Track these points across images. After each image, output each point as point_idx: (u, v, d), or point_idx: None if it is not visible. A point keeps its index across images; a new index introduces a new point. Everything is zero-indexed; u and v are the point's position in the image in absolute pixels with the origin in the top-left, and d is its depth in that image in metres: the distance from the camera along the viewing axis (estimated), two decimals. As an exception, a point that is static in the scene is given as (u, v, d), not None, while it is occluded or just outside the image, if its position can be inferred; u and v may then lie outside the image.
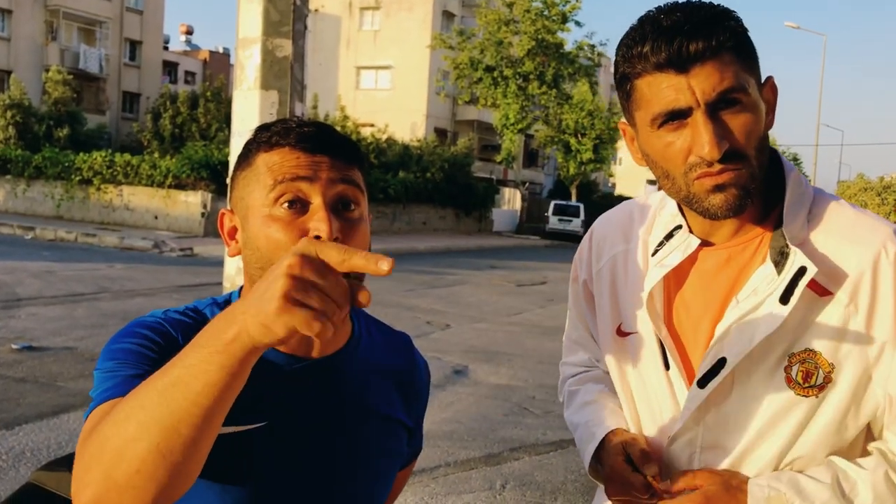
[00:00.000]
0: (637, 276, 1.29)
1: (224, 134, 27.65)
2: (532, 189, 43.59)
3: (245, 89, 3.21)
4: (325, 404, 1.13)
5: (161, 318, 1.10)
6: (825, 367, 1.14)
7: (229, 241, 1.15)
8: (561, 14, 30.95)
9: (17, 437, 4.95)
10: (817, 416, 1.16)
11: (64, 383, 6.23)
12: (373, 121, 35.79)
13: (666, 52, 1.08)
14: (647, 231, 1.32)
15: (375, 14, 42.25)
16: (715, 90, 1.09)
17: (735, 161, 1.11)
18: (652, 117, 1.13)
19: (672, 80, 1.09)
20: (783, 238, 1.17)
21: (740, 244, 1.22)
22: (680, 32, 1.08)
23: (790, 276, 1.13)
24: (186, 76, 48.23)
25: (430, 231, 30.47)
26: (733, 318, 1.17)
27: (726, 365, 1.16)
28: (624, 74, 1.16)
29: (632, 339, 1.29)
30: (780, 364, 1.16)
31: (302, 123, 1.10)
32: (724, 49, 1.09)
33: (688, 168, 1.13)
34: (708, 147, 1.08)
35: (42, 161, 24.57)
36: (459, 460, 5.06)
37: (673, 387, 1.23)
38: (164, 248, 17.98)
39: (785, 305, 1.13)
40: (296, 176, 1.05)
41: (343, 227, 1.05)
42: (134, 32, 40.60)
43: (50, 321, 8.64)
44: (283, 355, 1.11)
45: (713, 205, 1.13)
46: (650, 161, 1.19)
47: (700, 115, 1.09)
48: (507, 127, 32.39)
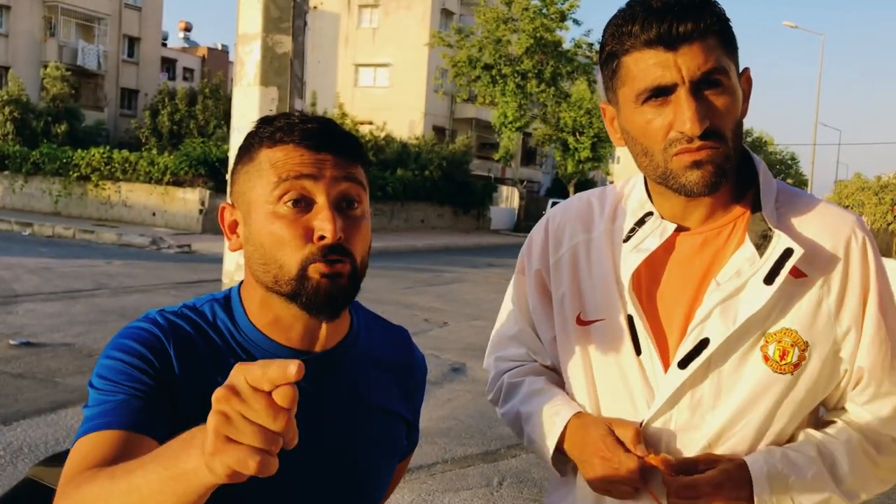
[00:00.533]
0: (603, 264, 1.31)
1: (222, 131, 27.62)
2: (530, 187, 43.59)
3: (245, 85, 3.22)
4: (325, 397, 1.14)
5: (154, 324, 1.09)
6: (800, 346, 1.19)
7: (230, 235, 1.15)
8: (559, 12, 30.93)
9: (14, 432, 4.96)
10: (792, 393, 1.21)
11: (62, 379, 6.23)
12: (371, 118, 35.76)
13: (656, 30, 1.12)
14: (611, 220, 1.34)
15: (374, 11, 42.21)
16: (700, 69, 1.13)
17: (713, 139, 1.14)
18: (637, 92, 1.16)
19: (660, 56, 1.13)
20: (764, 221, 1.21)
21: (715, 228, 1.25)
22: (670, 13, 1.12)
23: (776, 258, 1.18)
24: (185, 73, 48.15)
25: (428, 229, 30.47)
26: (716, 300, 1.20)
27: (709, 345, 1.19)
28: (611, 52, 1.19)
29: (596, 326, 1.30)
30: (757, 343, 1.20)
31: (305, 119, 1.10)
32: (711, 32, 1.14)
33: (668, 144, 1.16)
34: (689, 123, 1.12)
35: (40, 157, 24.54)
36: (457, 457, 5.07)
37: (645, 371, 1.24)
38: (161, 245, 17.96)
39: (769, 286, 1.18)
40: (300, 174, 1.05)
41: (346, 225, 1.06)
42: (132, 29, 40.53)
43: (48, 317, 8.63)
44: (285, 349, 1.12)
45: (690, 181, 1.16)
46: (630, 138, 1.22)
47: (684, 92, 1.13)
48: (506, 125, 32.38)
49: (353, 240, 1.07)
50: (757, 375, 1.20)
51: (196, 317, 1.13)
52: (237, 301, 1.15)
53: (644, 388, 1.25)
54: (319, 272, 1.05)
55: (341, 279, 1.06)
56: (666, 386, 1.22)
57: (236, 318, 1.14)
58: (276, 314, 1.11)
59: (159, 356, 1.05)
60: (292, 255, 1.05)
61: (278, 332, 1.12)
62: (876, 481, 1.27)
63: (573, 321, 1.33)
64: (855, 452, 1.24)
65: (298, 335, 1.12)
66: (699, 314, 1.21)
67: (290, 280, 1.05)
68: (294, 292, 1.06)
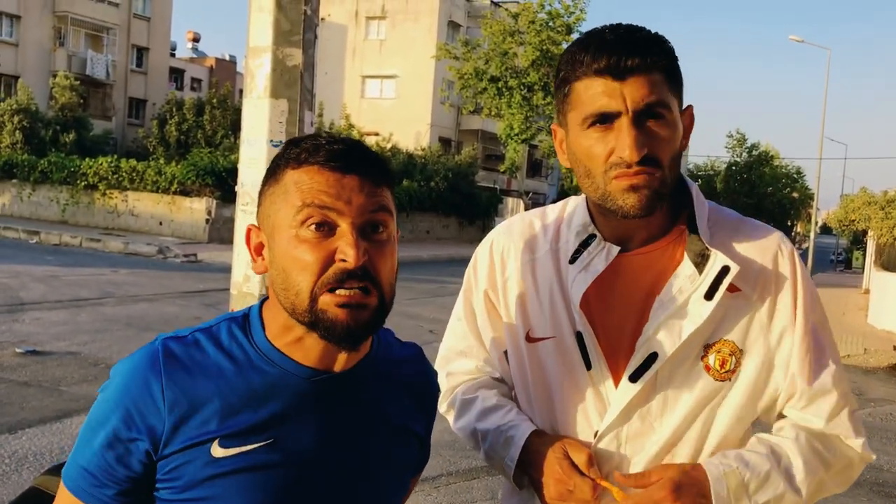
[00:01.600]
0: (549, 283, 1.38)
1: (230, 141, 27.74)
2: (535, 199, 43.57)
3: (255, 98, 3.23)
4: (344, 416, 1.13)
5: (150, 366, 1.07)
6: (737, 355, 1.30)
7: (256, 258, 1.13)
8: (565, 25, 31.02)
9: (20, 441, 4.96)
10: (731, 398, 1.30)
11: (67, 387, 6.25)
12: (377, 129, 35.85)
13: (605, 61, 1.21)
14: (554, 240, 1.41)
15: (381, 24, 42.39)
16: (644, 100, 1.21)
17: (650, 165, 1.22)
18: (584, 116, 1.24)
19: (607, 85, 1.22)
20: (701, 242, 1.30)
21: (657, 249, 1.33)
22: (620, 46, 1.22)
23: (714, 275, 1.27)
24: (193, 83, 48.38)
25: (433, 240, 30.48)
26: (661, 317, 1.28)
27: (657, 360, 1.27)
28: (564, 77, 1.28)
29: (546, 343, 1.36)
30: (699, 355, 1.29)
31: (332, 140, 1.08)
32: (657, 68, 1.23)
33: (608, 167, 1.23)
34: (629, 150, 1.20)
35: (48, 166, 24.67)
36: (461, 469, 5.06)
37: (596, 385, 1.32)
38: (168, 254, 18.01)
39: (709, 301, 1.27)
40: (324, 199, 1.03)
41: (370, 248, 1.05)
42: (141, 39, 40.77)
43: (54, 325, 8.66)
44: (306, 368, 1.11)
45: (627, 203, 1.24)
46: (575, 160, 1.30)
47: (626, 120, 1.21)
48: (511, 137, 32.42)
49: (378, 264, 1.05)
50: (701, 384, 1.29)
51: (208, 341, 1.12)
52: (257, 319, 1.14)
53: (596, 400, 1.32)
54: (334, 303, 1.03)
55: (364, 312, 1.04)
56: (618, 398, 1.30)
57: (254, 336, 1.13)
58: (297, 335, 1.10)
59: (144, 415, 1.05)
60: (308, 280, 1.03)
61: (298, 351, 1.11)
62: (831, 481, 1.34)
63: (523, 339, 1.40)
64: (804, 450, 1.31)
65: (318, 356, 1.11)
66: (646, 331, 1.28)
67: (305, 311, 1.04)
68: (312, 323, 1.05)
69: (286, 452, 1.08)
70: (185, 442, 1.06)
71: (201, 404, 1.07)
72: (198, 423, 1.06)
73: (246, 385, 1.09)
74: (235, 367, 1.10)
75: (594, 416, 1.33)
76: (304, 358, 1.11)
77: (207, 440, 1.06)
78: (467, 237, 32.70)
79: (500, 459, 1.38)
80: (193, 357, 1.10)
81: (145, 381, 1.07)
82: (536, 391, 1.39)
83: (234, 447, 1.06)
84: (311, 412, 1.10)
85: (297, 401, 1.10)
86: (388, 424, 1.19)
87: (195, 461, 1.05)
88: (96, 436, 1.07)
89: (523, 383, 1.41)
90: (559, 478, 1.28)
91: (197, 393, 1.07)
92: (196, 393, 1.07)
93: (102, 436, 1.07)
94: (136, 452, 1.06)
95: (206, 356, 1.10)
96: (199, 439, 1.06)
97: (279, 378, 1.10)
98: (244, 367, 1.10)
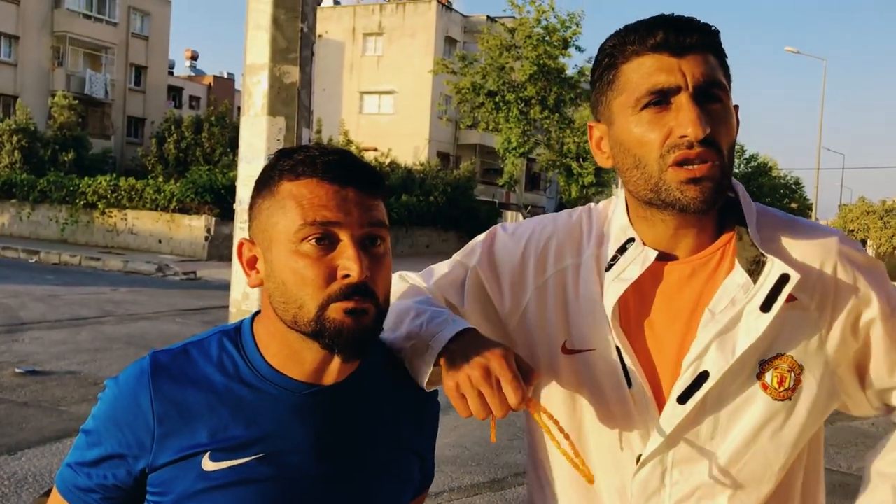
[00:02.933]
0: (590, 291, 1.24)
1: (228, 158, 27.79)
2: (534, 212, 43.61)
3: (252, 115, 3.24)
4: (336, 429, 1.13)
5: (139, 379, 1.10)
6: (796, 370, 1.17)
7: (249, 272, 1.13)
8: (562, 40, 31.15)
9: (19, 462, 4.94)
10: (793, 418, 1.18)
11: (67, 407, 6.22)
12: (376, 145, 35.93)
13: (663, 35, 1.12)
14: (598, 244, 1.27)
15: (378, 40, 42.60)
16: (705, 78, 1.11)
17: (713, 149, 1.11)
18: (637, 97, 1.13)
19: (665, 61, 1.12)
20: (754, 247, 1.17)
21: (703, 257, 1.21)
22: (677, 24, 1.13)
23: (771, 284, 1.14)
24: (191, 101, 48.55)
25: (433, 254, 30.47)
26: (713, 332, 1.15)
27: (709, 378, 1.14)
28: (609, 63, 1.17)
29: (583, 356, 1.23)
30: (754, 372, 1.17)
31: (325, 151, 1.09)
32: (713, 51, 1.14)
33: (665, 150, 1.11)
34: (692, 126, 1.09)
35: (47, 185, 24.69)
36: (464, 485, 5.03)
37: (637, 405, 1.19)
38: (167, 272, 18.00)
39: (766, 313, 1.14)
40: (326, 219, 1.04)
41: (371, 263, 1.06)
42: (139, 58, 40.96)
43: (53, 345, 8.64)
44: (297, 382, 1.11)
45: (687, 195, 1.11)
46: (622, 151, 1.17)
47: (686, 96, 1.11)
48: (510, 151, 32.48)
49: (377, 278, 1.07)
50: (758, 404, 1.17)
51: (199, 354, 1.13)
52: (248, 333, 1.15)
53: (638, 421, 1.19)
54: (342, 310, 1.04)
55: (365, 317, 1.05)
56: (664, 422, 1.17)
57: (246, 350, 1.14)
58: (292, 349, 1.10)
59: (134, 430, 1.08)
60: (314, 295, 1.04)
61: (290, 365, 1.11)
62: None
63: (559, 349, 1.26)
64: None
65: (311, 369, 1.11)
66: (696, 347, 1.16)
67: (310, 321, 1.04)
68: (315, 332, 1.05)
69: (277, 466, 1.08)
70: (176, 455, 1.07)
71: (191, 417, 1.08)
72: (188, 436, 1.07)
73: (236, 398, 1.10)
74: (226, 380, 1.11)
75: (636, 439, 1.20)
76: (296, 371, 1.11)
77: (198, 453, 1.07)
78: (467, 251, 32.67)
79: (429, 337, 1.17)
80: (184, 370, 1.11)
81: (135, 395, 1.09)
82: (569, 408, 1.25)
83: (224, 461, 1.07)
84: (302, 426, 1.10)
85: (288, 414, 1.10)
86: (384, 440, 1.18)
87: (186, 475, 1.06)
88: (89, 449, 1.11)
89: (555, 396, 1.26)
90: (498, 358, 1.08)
91: (187, 406, 1.08)
92: (186, 406, 1.08)
93: (95, 451, 1.11)
94: (126, 466, 1.09)
95: (197, 369, 1.11)
96: (189, 452, 1.07)
97: (270, 392, 1.10)
98: (235, 380, 1.11)
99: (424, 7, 41.64)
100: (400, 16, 41.99)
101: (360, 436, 1.15)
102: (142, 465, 1.08)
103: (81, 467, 1.12)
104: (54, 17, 36.89)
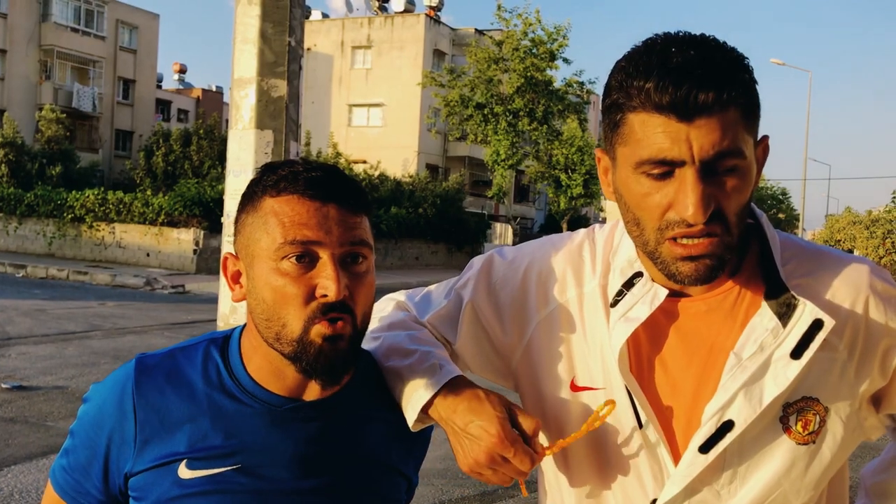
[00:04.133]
0: (596, 328, 1.17)
1: (217, 171, 27.74)
2: (523, 224, 43.72)
3: (240, 129, 3.24)
4: (315, 445, 1.13)
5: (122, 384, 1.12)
6: (821, 413, 1.11)
7: (233, 286, 1.13)
8: (549, 52, 31.34)
9: (5, 478, 4.89)
10: (817, 461, 1.12)
11: (54, 423, 6.17)
12: (365, 157, 35.97)
13: (671, 95, 0.97)
14: (604, 273, 1.19)
15: (367, 53, 42.71)
16: (714, 148, 0.99)
17: (716, 223, 1.02)
18: (638, 160, 1.02)
19: (671, 126, 0.99)
20: (784, 288, 1.09)
21: (718, 295, 1.13)
22: (691, 77, 0.97)
23: (803, 330, 1.06)
24: (179, 114, 48.47)
25: (422, 266, 30.46)
26: (741, 380, 1.07)
27: (734, 428, 1.07)
28: (617, 103, 1.04)
29: (595, 395, 1.16)
30: (777, 416, 1.10)
31: (309, 167, 1.08)
32: (734, 104, 0.99)
33: (664, 225, 1.03)
34: (693, 209, 0.99)
35: (34, 199, 24.56)
36: (454, 498, 5.02)
37: (648, 446, 1.13)
38: (156, 286, 17.91)
39: (796, 360, 1.06)
40: (306, 238, 1.03)
41: (351, 282, 1.06)
42: (127, 71, 40.91)
43: (40, 360, 8.57)
44: (278, 396, 1.12)
45: (681, 272, 1.04)
46: (622, 202, 1.09)
47: (691, 172, 0.99)
48: (498, 163, 32.59)
49: (357, 296, 1.06)
50: (781, 450, 1.11)
51: (185, 360, 1.14)
52: (236, 344, 1.16)
53: (650, 463, 1.13)
54: (321, 335, 1.04)
55: (341, 342, 1.05)
56: (685, 470, 1.10)
57: (231, 361, 1.14)
58: (273, 365, 1.11)
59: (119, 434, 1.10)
60: (296, 315, 1.04)
61: (272, 380, 1.12)
62: None
63: (567, 386, 1.19)
64: None
65: (292, 385, 1.12)
66: (721, 397, 1.08)
67: (293, 341, 1.05)
68: (295, 355, 1.05)
69: (254, 478, 1.09)
70: (154, 461, 1.08)
71: (172, 424, 1.09)
72: (167, 444, 1.08)
73: (217, 408, 1.10)
74: (209, 388, 1.12)
75: (648, 481, 1.13)
76: (277, 386, 1.12)
77: (175, 460, 1.08)
78: (456, 263, 32.68)
79: (413, 389, 1.15)
80: (168, 375, 1.12)
81: (119, 401, 1.10)
82: (580, 446, 1.18)
83: (201, 469, 1.07)
84: (282, 440, 1.11)
85: (268, 428, 1.10)
86: (367, 458, 1.17)
87: (163, 481, 1.07)
88: (75, 452, 1.14)
89: (560, 436, 1.18)
90: (497, 440, 1.06)
91: (168, 412, 1.09)
92: (167, 412, 1.09)
93: (80, 454, 1.13)
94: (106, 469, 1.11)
95: (181, 375, 1.12)
96: (166, 459, 1.08)
97: (250, 404, 1.11)
98: (217, 389, 1.12)
99: (413, 20, 41.81)
100: (388, 29, 42.14)
101: (341, 452, 1.14)
102: (124, 469, 1.10)
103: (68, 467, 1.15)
104: (42, 31, 36.82)
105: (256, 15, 3.24)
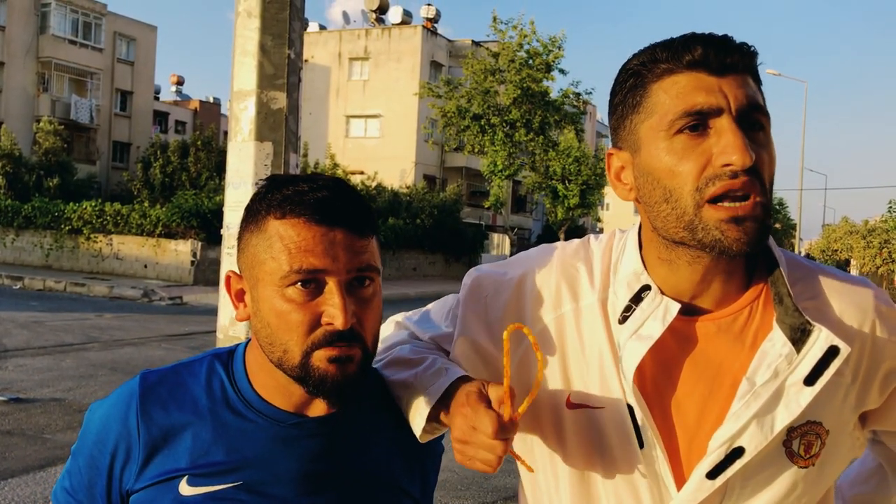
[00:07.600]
0: (597, 342, 1.12)
1: (214, 182, 27.74)
2: (521, 234, 43.77)
3: (239, 141, 3.26)
4: (319, 462, 1.12)
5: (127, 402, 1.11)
6: (823, 436, 1.10)
7: (237, 304, 1.12)
8: (545, 63, 31.46)
9: (2, 491, 4.87)
10: (819, 480, 1.12)
11: (51, 435, 6.15)
12: (362, 168, 36.03)
13: (702, 52, 1.00)
14: (603, 287, 1.15)
15: (364, 64, 42.84)
16: (748, 100, 1.00)
17: (757, 182, 0.99)
18: (673, 118, 1.00)
19: (704, 80, 1.00)
20: (798, 313, 1.06)
21: (730, 314, 1.10)
22: (716, 40, 1.02)
23: (818, 357, 1.04)
24: (177, 125, 48.55)
25: (420, 277, 30.46)
26: (755, 408, 1.04)
27: (744, 455, 1.05)
28: (637, 82, 1.05)
29: (592, 413, 1.13)
30: (781, 439, 1.08)
31: (315, 186, 1.05)
32: (753, 73, 1.04)
33: (703, 183, 0.99)
34: (738, 153, 0.96)
35: (32, 211, 24.55)
36: (453, 509, 5.01)
37: (648, 466, 1.10)
38: (153, 297, 17.88)
39: (810, 387, 1.04)
40: (312, 266, 1.01)
41: (358, 308, 1.04)
42: (125, 83, 40.98)
43: (37, 372, 8.55)
44: (283, 412, 1.11)
45: (729, 237, 0.99)
46: (649, 183, 1.05)
47: (728, 120, 0.99)
48: (495, 173, 32.66)
49: (365, 321, 1.05)
50: (785, 474, 1.09)
51: (189, 376, 1.13)
52: (240, 360, 1.15)
53: (650, 483, 1.11)
54: (326, 358, 1.02)
55: (350, 365, 1.03)
56: (691, 495, 1.08)
57: (235, 376, 1.14)
58: (279, 382, 1.10)
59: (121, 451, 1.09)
60: (299, 341, 1.02)
61: (277, 396, 1.11)
62: None
63: (562, 404, 1.15)
64: None
65: (298, 402, 1.11)
66: (733, 424, 1.05)
67: (295, 367, 1.04)
68: (300, 378, 1.05)
69: (256, 495, 1.08)
70: (155, 478, 1.07)
71: (174, 439, 1.09)
72: (168, 459, 1.08)
73: (221, 423, 1.10)
74: (212, 404, 1.11)
75: (647, 501, 1.12)
76: (283, 402, 1.11)
77: (176, 477, 1.07)
78: (454, 273, 32.69)
79: (425, 388, 1.15)
80: (172, 392, 1.11)
81: (124, 418, 1.10)
82: (575, 465, 1.15)
83: (202, 486, 1.07)
84: (286, 457, 1.10)
85: (270, 444, 1.10)
86: (373, 476, 1.16)
87: (163, 498, 1.07)
88: (80, 473, 1.13)
89: (556, 455, 1.17)
90: (465, 413, 1.05)
91: (172, 430, 1.09)
92: (171, 430, 1.09)
93: (84, 475, 1.12)
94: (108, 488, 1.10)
95: (185, 391, 1.12)
96: (168, 476, 1.07)
97: (255, 420, 1.10)
98: (221, 404, 1.11)
99: (410, 32, 41.96)
100: (385, 40, 42.29)
101: (345, 470, 1.13)
102: (126, 487, 1.09)
103: (72, 486, 1.14)
104: (39, 43, 36.89)
105: (256, 28, 3.27)
